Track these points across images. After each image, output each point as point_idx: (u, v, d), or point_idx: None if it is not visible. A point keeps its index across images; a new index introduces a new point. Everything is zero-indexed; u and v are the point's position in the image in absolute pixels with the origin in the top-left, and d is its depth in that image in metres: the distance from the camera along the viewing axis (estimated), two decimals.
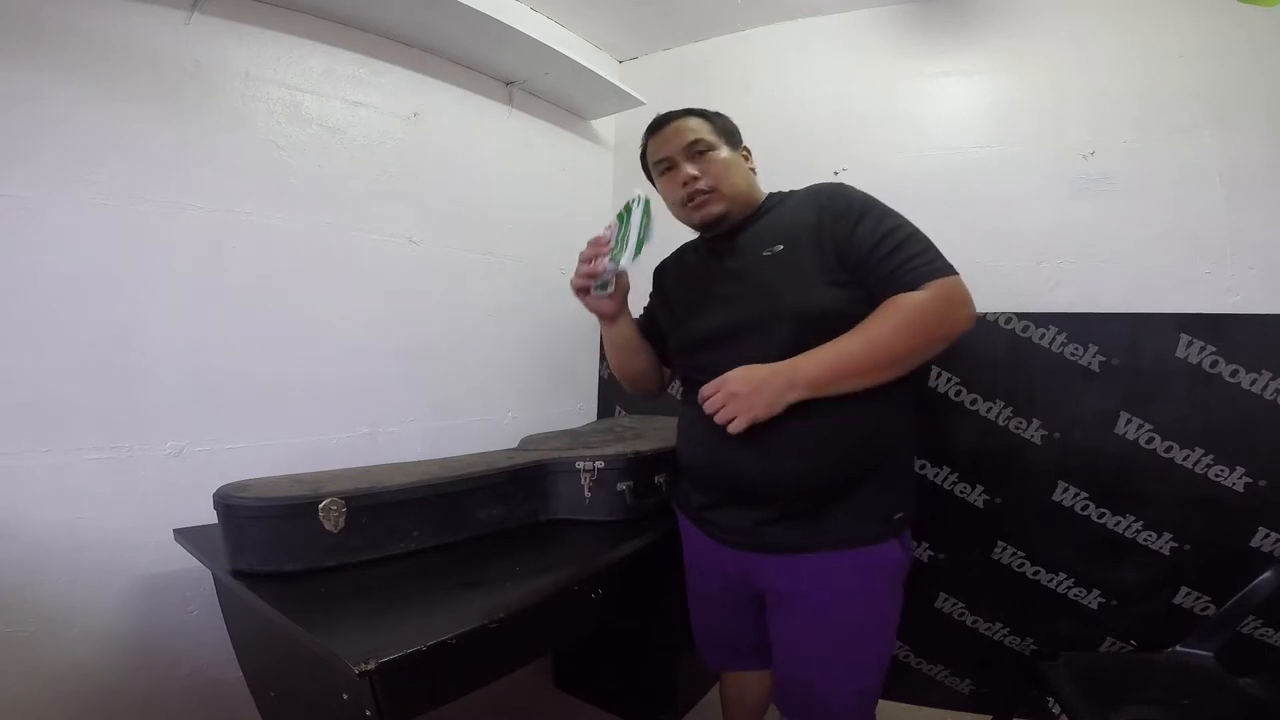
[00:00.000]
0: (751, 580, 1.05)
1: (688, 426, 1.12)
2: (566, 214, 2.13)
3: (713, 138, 1.06)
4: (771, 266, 0.99)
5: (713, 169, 1.04)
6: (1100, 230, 1.57)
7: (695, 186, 1.04)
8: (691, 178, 1.04)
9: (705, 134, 1.05)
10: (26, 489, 1.08)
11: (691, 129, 1.05)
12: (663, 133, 1.08)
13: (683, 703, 1.67)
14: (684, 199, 1.06)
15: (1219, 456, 1.43)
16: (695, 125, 1.06)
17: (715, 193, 1.04)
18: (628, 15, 2.02)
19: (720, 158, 1.05)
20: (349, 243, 1.53)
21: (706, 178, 1.04)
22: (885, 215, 0.96)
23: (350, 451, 1.50)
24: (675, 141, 1.06)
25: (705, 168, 1.04)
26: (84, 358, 1.14)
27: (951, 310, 0.90)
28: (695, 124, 1.06)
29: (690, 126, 1.06)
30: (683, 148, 1.05)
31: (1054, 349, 1.59)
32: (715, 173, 1.04)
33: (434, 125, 1.71)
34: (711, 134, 1.06)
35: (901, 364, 0.92)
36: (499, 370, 1.91)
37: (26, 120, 1.08)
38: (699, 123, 1.07)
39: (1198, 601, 1.46)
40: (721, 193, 1.04)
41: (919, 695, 1.77)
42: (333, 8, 1.45)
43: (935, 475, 1.70)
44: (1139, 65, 1.56)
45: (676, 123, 1.07)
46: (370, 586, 0.99)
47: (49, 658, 1.11)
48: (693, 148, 1.04)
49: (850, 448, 0.95)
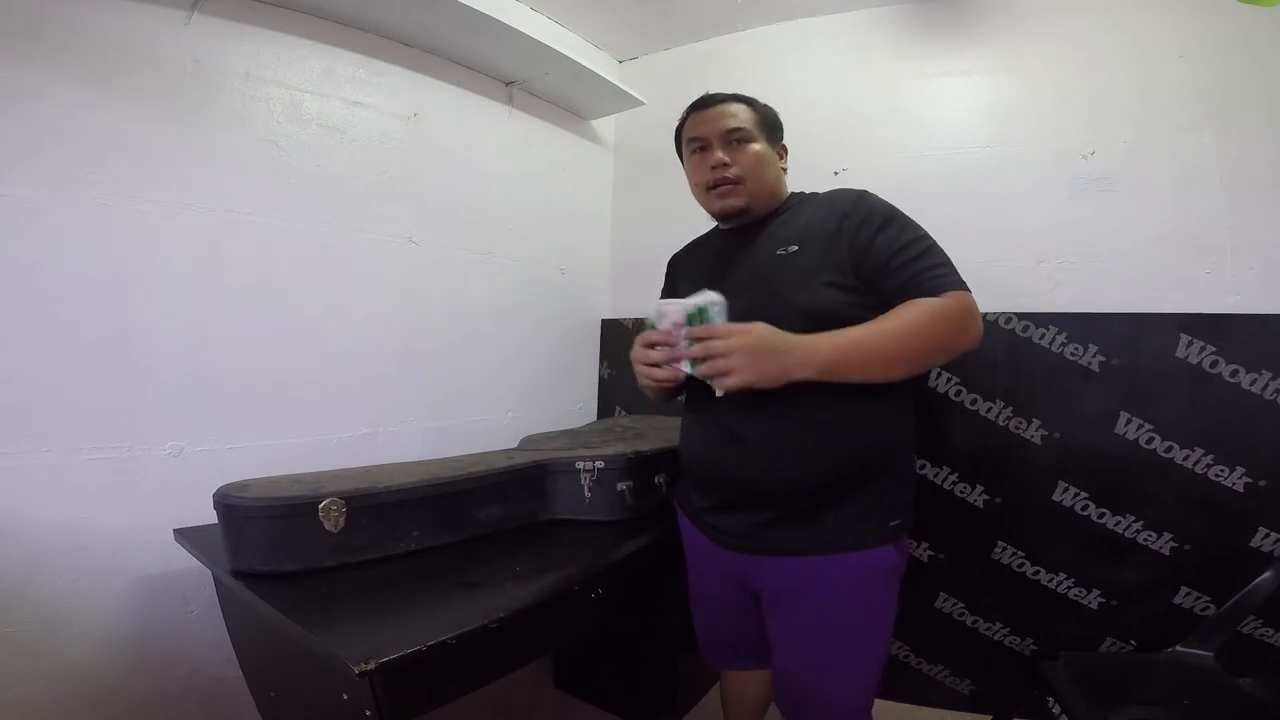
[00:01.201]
0: (749, 581, 1.05)
1: (689, 426, 1.12)
2: (566, 214, 2.13)
3: (753, 129, 1.05)
4: (782, 265, 0.99)
5: (745, 160, 1.03)
6: (1100, 230, 1.57)
7: (723, 174, 1.03)
8: (722, 164, 1.03)
9: (747, 123, 1.04)
10: (26, 489, 1.08)
11: (734, 115, 1.04)
12: (706, 112, 1.07)
13: (683, 703, 1.67)
14: (709, 184, 1.06)
15: (1219, 456, 1.43)
16: (739, 112, 1.05)
17: (741, 184, 1.03)
18: (628, 15, 2.02)
19: (755, 150, 1.04)
20: (349, 243, 1.53)
21: (737, 167, 1.03)
22: (908, 225, 0.96)
23: (350, 451, 1.50)
24: (715, 124, 1.05)
25: (738, 156, 1.03)
26: (84, 358, 1.14)
27: (967, 322, 0.91)
28: (740, 110, 1.05)
29: (733, 112, 1.05)
30: (721, 132, 1.04)
31: (1054, 349, 1.59)
32: (746, 164, 1.03)
33: (434, 125, 1.71)
34: (753, 124, 1.05)
35: (913, 362, 0.91)
36: (499, 370, 1.91)
37: (26, 120, 1.08)
38: (744, 110, 1.06)
39: (1198, 601, 1.46)
40: (747, 186, 1.04)
41: (919, 695, 1.77)
42: (333, 8, 1.45)
43: (935, 475, 1.70)
44: (1139, 65, 1.56)
45: (722, 105, 1.06)
46: (370, 586, 0.99)
47: (49, 658, 1.11)
48: (731, 135, 1.04)
49: (848, 451, 0.95)
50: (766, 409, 0.95)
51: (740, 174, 1.03)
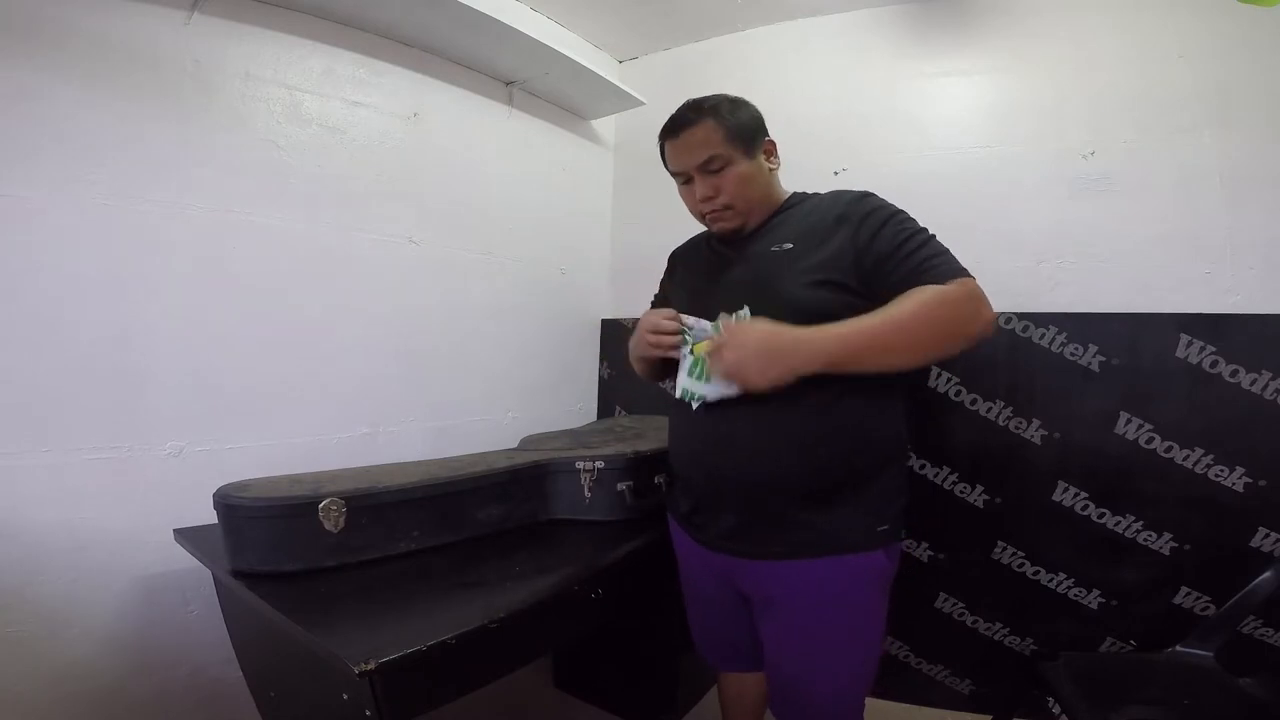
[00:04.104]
0: (739, 584, 1.05)
1: (677, 427, 1.11)
2: (566, 214, 2.13)
3: (727, 149, 0.99)
4: (777, 262, 0.99)
5: (729, 186, 1.00)
6: (1100, 230, 1.57)
7: (711, 206, 1.03)
8: (708, 197, 1.02)
9: (719, 147, 0.99)
10: (26, 489, 1.08)
11: (704, 143, 0.99)
12: (677, 143, 1.03)
13: (683, 703, 1.67)
14: (701, 215, 1.06)
15: (1219, 456, 1.43)
16: (709, 136, 0.99)
17: (731, 210, 1.02)
18: (628, 15, 2.02)
19: (736, 173, 1.00)
20: (349, 243, 1.53)
21: (722, 196, 1.01)
22: (909, 221, 0.96)
23: (350, 451, 1.50)
24: (689, 158, 1.01)
25: (721, 184, 1.00)
26: (84, 358, 1.14)
27: (976, 307, 0.89)
28: (709, 134, 0.99)
29: (702, 139, 0.99)
30: (697, 166, 1.00)
31: (1054, 349, 1.59)
32: (731, 190, 1.01)
33: (434, 125, 1.71)
34: (726, 144, 0.99)
35: (923, 350, 0.89)
36: (499, 370, 1.91)
37: (26, 120, 1.08)
38: (713, 131, 0.99)
39: (1198, 601, 1.46)
40: (737, 209, 1.03)
41: (919, 695, 1.77)
42: (333, 8, 1.45)
43: (935, 475, 1.70)
44: (1139, 65, 1.56)
45: (689, 132, 1.00)
46: (370, 586, 0.99)
47: (49, 658, 1.11)
48: (707, 166, 1.00)
49: (835, 455, 0.94)
50: (752, 411, 0.95)
51: (727, 201, 1.02)
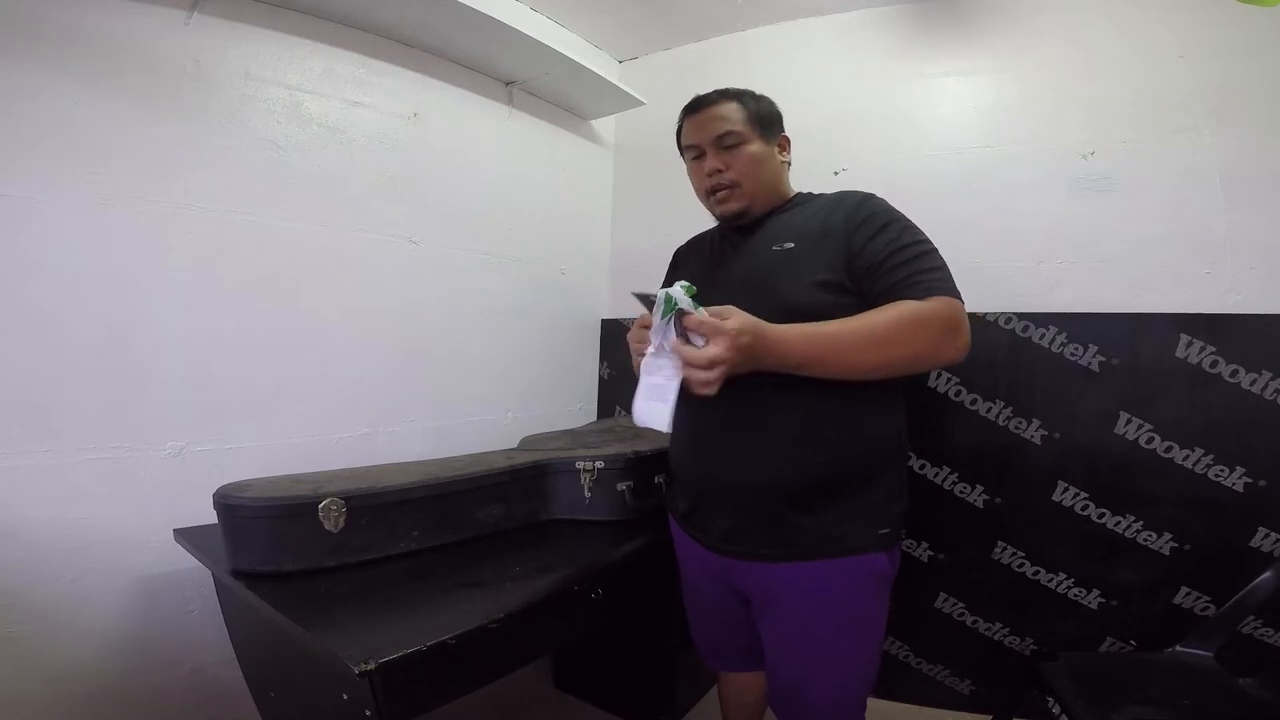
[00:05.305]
0: (737, 585, 1.05)
1: (675, 426, 1.11)
2: (567, 214, 2.13)
3: (745, 129, 1.02)
4: (777, 261, 0.99)
5: (739, 163, 1.02)
6: (1100, 230, 1.57)
7: (719, 180, 1.03)
8: (717, 170, 1.03)
9: (738, 125, 1.02)
10: (26, 489, 1.08)
11: (724, 118, 1.02)
12: (698, 117, 1.06)
13: (682, 703, 1.67)
14: (707, 190, 1.06)
15: (1219, 456, 1.43)
16: (730, 113, 1.03)
17: (738, 188, 1.03)
18: (628, 15, 2.02)
19: (749, 151, 1.02)
20: (349, 243, 1.53)
21: (732, 171, 1.03)
22: (909, 228, 0.95)
23: (350, 451, 1.50)
24: (707, 130, 1.03)
25: (732, 161, 1.02)
26: (84, 358, 1.14)
27: (953, 330, 0.87)
28: (730, 111, 1.03)
29: (724, 115, 1.03)
30: (713, 138, 1.03)
31: (1054, 349, 1.59)
32: (741, 168, 1.02)
33: (434, 125, 1.71)
34: (745, 124, 1.02)
35: (886, 364, 0.87)
36: (499, 370, 1.91)
37: (26, 120, 1.08)
38: (735, 110, 1.03)
39: (1198, 601, 1.46)
40: (744, 188, 1.03)
41: (919, 695, 1.77)
42: (333, 8, 1.45)
43: (935, 475, 1.70)
44: (1139, 65, 1.56)
45: (712, 108, 1.04)
46: (370, 586, 0.99)
47: (49, 658, 1.11)
48: (723, 140, 1.02)
49: (831, 457, 0.93)
50: (749, 411, 0.95)
51: (735, 178, 1.03)
